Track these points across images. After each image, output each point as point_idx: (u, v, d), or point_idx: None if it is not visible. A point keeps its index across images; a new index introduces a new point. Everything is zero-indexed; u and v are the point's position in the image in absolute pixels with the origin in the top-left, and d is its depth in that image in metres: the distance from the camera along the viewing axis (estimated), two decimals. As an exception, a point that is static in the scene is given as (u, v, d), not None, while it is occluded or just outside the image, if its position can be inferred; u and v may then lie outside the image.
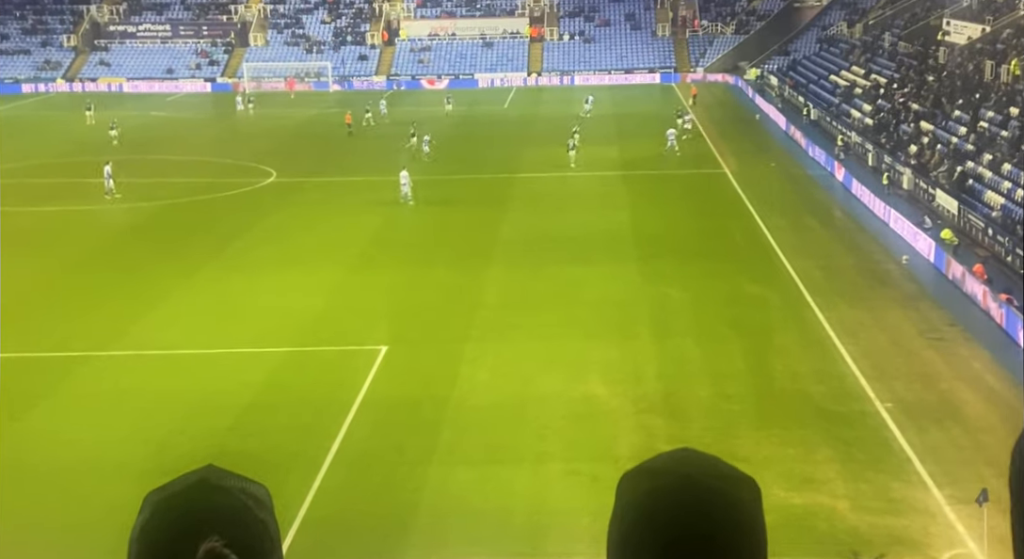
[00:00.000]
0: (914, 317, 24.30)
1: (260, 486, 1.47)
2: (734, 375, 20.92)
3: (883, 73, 51.31)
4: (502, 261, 29.16)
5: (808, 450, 17.72)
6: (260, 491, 1.46)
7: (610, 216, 33.92)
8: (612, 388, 20.31)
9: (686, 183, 39.23)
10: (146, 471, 16.71)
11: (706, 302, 25.31)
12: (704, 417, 19.04)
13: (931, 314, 24.51)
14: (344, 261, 29.40)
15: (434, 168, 41.11)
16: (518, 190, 38.29)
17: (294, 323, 24.36)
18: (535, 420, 18.99)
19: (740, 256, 29.39)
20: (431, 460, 17.59)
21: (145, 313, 25.16)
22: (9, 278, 28.24)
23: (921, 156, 37.57)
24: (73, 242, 32.06)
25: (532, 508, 16.13)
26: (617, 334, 23.19)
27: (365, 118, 52.70)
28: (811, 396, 19.92)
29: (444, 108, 55.99)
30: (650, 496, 1.39)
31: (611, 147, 46.28)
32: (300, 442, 18.30)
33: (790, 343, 22.71)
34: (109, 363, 22.31)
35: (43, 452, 18.11)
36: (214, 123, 57.93)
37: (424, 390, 20.50)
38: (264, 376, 21.38)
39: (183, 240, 31.85)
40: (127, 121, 56.86)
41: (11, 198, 38.08)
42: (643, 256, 29.25)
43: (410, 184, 35.63)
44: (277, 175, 41.54)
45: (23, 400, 20.30)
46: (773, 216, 33.23)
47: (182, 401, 20.03)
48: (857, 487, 16.50)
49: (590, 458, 17.35)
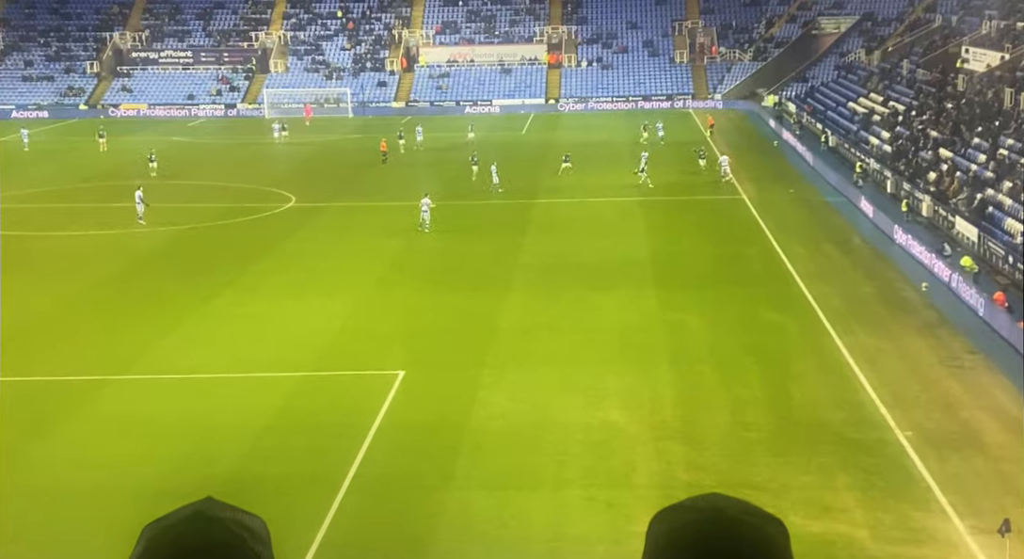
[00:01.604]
0: (934, 344, 24.14)
1: (256, 518, 1.49)
2: (752, 402, 20.81)
3: (901, 100, 51.28)
4: (520, 286, 29.20)
5: (827, 478, 17.57)
6: (255, 523, 1.48)
7: (628, 242, 33.94)
8: (630, 414, 20.23)
9: (704, 209, 39.23)
10: (163, 494, 16.75)
11: (724, 328, 25.23)
12: (722, 444, 18.93)
13: (951, 341, 24.34)
14: (362, 285, 29.50)
15: (452, 193, 41.23)
16: (536, 216, 38.39)
17: (312, 347, 24.43)
18: (553, 446, 18.92)
19: (758, 282, 29.31)
20: (448, 485, 17.55)
21: (163, 337, 25.30)
22: (30, 302, 28.48)
23: (940, 183, 37.45)
24: (94, 266, 32.32)
25: (550, 534, 16.05)
26: (635, 360, 23.14)
27: (400, 144, 52.92)
28: (830, 424, 19.78)
29: (466, 135, 56.05)
30: (684, 529, 1.42)
31: (627, 173, 46.33)
32: (318, 465, 18.30)
33: (809, 370, 22.59)
34: (127, 387, 22.41)
35: (61, 475, 18.17)
36: (235, 148, 58.43)
37: (441, 415, 20.49)
38: (282, 400, 21.42)
39: (202, 264, 32.06)
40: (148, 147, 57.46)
41: (35, 223, 38.49)
42: (661, 282, 29.21)
43: (430, 211, 35.58)
44: (296, 200, 41.82)
45: (42, 423, 20.40)
46: (791, 242, 33.16)
47: (200, 425, 20.08)
48: (877, 516, 16.34)
49: (608, 485, 17.27)
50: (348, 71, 77.79)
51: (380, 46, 79.98)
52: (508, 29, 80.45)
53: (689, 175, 44.27)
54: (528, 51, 78.44)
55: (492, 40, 79.56)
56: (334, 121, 68.53)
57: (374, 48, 79.81)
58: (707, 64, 76.87)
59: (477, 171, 43.76)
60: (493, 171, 42.45)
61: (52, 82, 78.23)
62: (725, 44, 78.32)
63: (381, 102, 74.98)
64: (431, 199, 36.11)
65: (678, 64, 77.28)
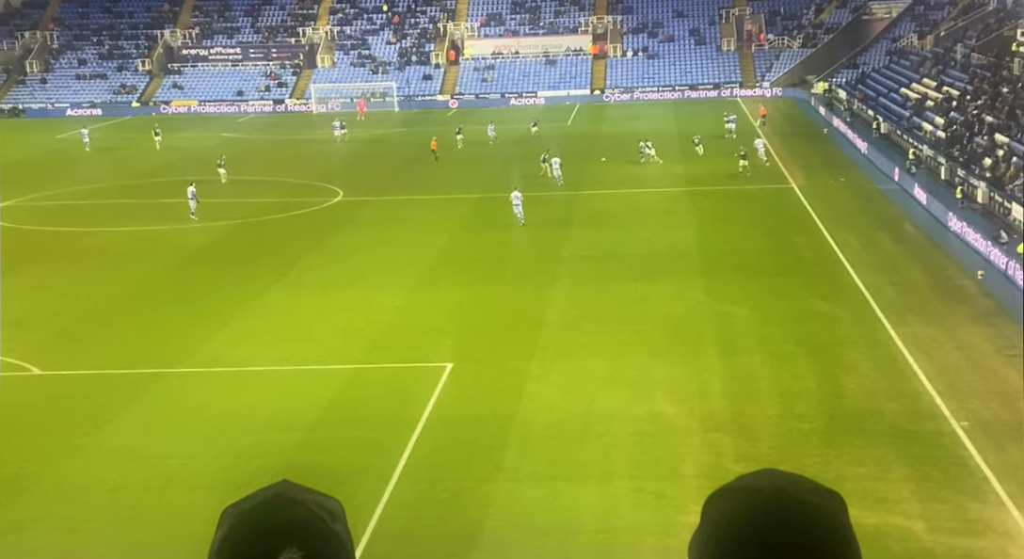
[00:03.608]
0: (990, 333, 23.67)
1: (333, 500, 1.50)
2: (803, 393, 20.59)
3: (955, 85, 50.25)
4: (566, 278, 29.16)
5: (881, 469, 17.34)
6: (334, 504, 1.49)
7: (675, 232, 33.72)
8: (678, 406, 20.13)
9: (753, 199, 38.82)
10: (220, 485, 17.04)
11: (774, 319, 24.97)
12: (773, 435, 18.76)
13: (1008, 330, 23.85)
14: (410, 279, 29.67)
15: (498, 186, 41.25)
16: (581, 207, 38.28)
17: (361, 340, 24.64)
18: (601, 438, 18.90)
19: (808, 272, 28.96)
20: (497, 477, 17.61)
21: (217, 331, 25.68)
22: (86, 297, 29.09)
23: (996, 169, 36.66)
24: (149, 261, 32.89)
25: (598, 526, 16.04)
26: (683, 351, 23.00)
27: (458, 139, 52.92)
28: (884, 414, 19.50)
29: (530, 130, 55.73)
30: (746, 512, 1.39)
31: (675, 163, 46.04)
32: (368, 457, 18.48)
33: (861, 360, 22.28)
34: (182, 380, 22.80)
35: (118, 467, 18.53)
36: (283, 144, 59.04)
37: (489, 407, 20.55)
38: (332, 392, 21.65)
39: (253, 259, 32.47)
40: (199, 143, 58.35)
41: (92, 219, 39.27)
42: (709, 273, 28.99)
43: (522, 204, 35.19)
44: (344, 194, 42.16)
45: (99, 416, 20.83)
46: (842, 231, 32.71)
47: (253, 417, 20.37)
48: (932, 507, 16.09)
49: (656, 476, 17.21)
50: (394, 65, 78.17)
51: (425, 39, 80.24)
52: (553, 20, 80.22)
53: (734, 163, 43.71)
54: (573, 42, 78.16)
55: (537, 31, 79.39)
56: (381, 115, 68.93)
57: (419, 42, 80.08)
58: (755, 52, 76.00)
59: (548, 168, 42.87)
60: (556, 165, 42.11)
61: (105, 80, 79.66)
62: (773, 31, 77.36)
63: (427, 96, 75.25)
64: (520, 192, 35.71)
65: (725, 52, 76.50)
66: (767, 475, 1.44)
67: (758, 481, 1.43)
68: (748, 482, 1.44)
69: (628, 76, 75.60)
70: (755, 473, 1.46)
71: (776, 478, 1.43)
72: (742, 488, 1.43)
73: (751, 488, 1.42)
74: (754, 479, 1.44)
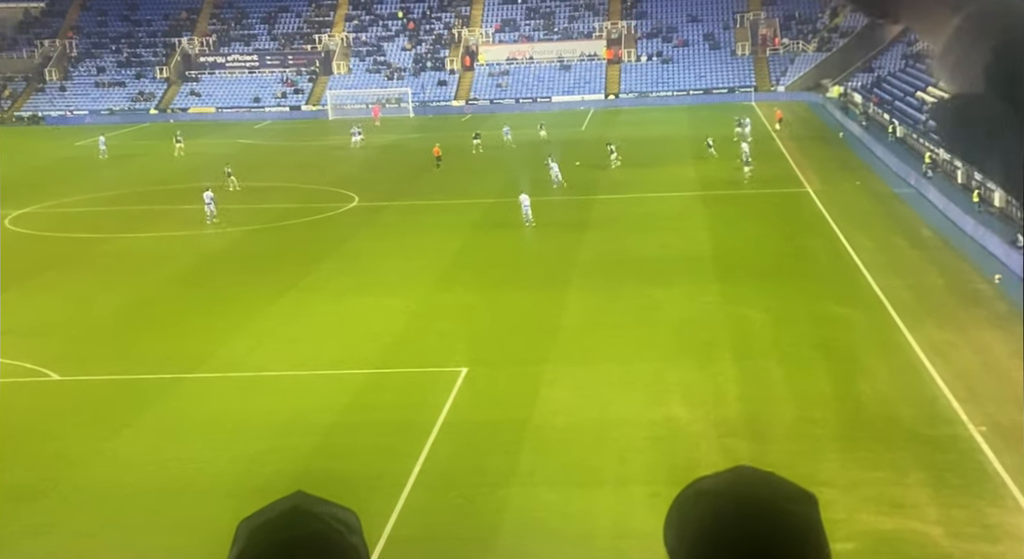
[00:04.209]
0: (1007, 338, 23.50)
1: (350, 512, 1.49)
2: (819, 397, 20.51)
3: (972, 88, 49.92)
4: (580, 283, 29.15)
5: (898, 474, 17.24)
6: (350, 517, 1.48)
7: (689, 236, 33.67)
8: (693, 410, 20.09)
9: (767, 203, 38.72)
10: (236, 490, 17.12)
11: (789, 323, 24.89)
12: (788, 440, 18.69)
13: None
14: (424, 283, 29.73)
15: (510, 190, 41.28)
16: (595, 211, 38.28)
17: (376, 345, 24.70)
18: (616, 442, 18.88)
19: (824, 276, 28.85)
20: (512, 482, 17.62)
21: (233, 336, 25.80)
22: (104, 303, 29.29)
23: (1013, 172, 36.41)
24: (165, 267, 33.08)
25: (614, 531, 16.02)
26: (698, 356, 22.95)
27: (474, 144, 53.07)
28: (900, 419, 19.40)
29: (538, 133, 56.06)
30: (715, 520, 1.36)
31: (687, 167, 45.98)
32: (384, 462, 18.51)
33: (877, 365, 22.18)
34: (199, 385, 22.91)
35: (135, 472, 18.63)
36: (300, 150, 59.30)
37: (504, 412, 20.56)
38: (348, 397, 21.71)
39: (269, 264, 32.62)
40: (217, 149, 58.67)
41: (109, 225, 39.55)
42: (723, 276, 28.92)
43: (530, 206, 36.04)
44: (359, 200, 42.30)
45: (116, 421, 20.95)
46: (858, 235, 32.58)
47: (269, 422, 20.45)
48: (951, 512, 15.99)
49: (672, 481, 17.15)
50: (409, 71, 78.43)
51: (440, 45, 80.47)
52: (567, 25, 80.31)
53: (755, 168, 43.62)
54: (587, 47, 78.23)
55: (551, 37, 79.51)
56: (396, 121, 69.13)
57: (434, 48, 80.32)
58: (770, 56, 75.86)
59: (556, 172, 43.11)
60: (555, 168, 42.39)
61: (123, 88, 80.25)
62: (788, 35, 77.19)
63: (442, 101, 75.45)
64: (528, 195, 36.57)
65: (740, 56, 76.39)
66: (741, 477, 1.41)
67: (733, 486, 1.39)
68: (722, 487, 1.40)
69: (642, 81, 75.58)
70: (729, 473, 1.42)
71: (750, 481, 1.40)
72: (713, 491, 1.39)
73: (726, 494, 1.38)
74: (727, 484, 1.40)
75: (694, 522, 1.38)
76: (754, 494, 1.38)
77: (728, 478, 1.41)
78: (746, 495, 1.38)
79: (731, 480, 1.41)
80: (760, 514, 1.36)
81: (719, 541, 1.35)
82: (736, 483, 1.40)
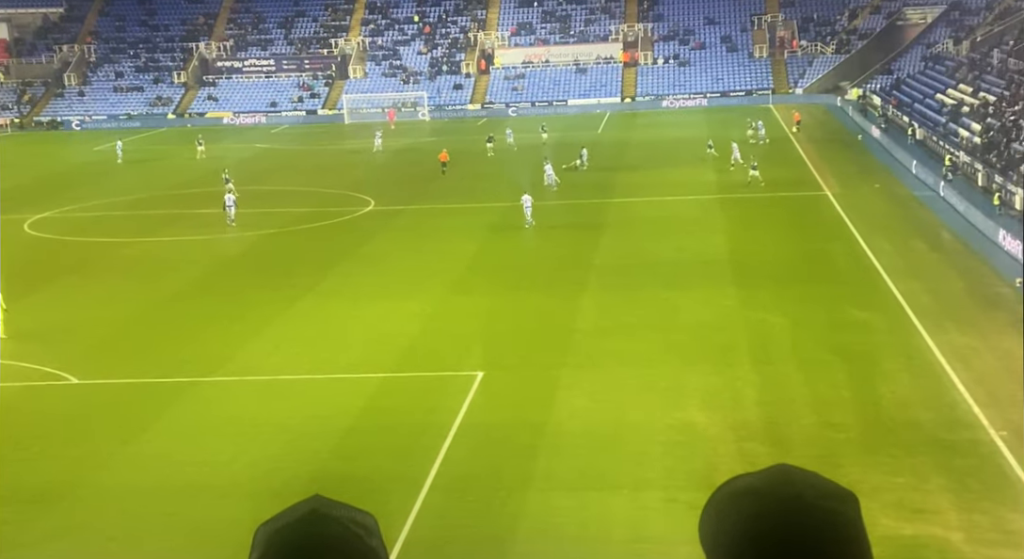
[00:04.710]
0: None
1: (367, 515, 1.48)
2: (839, 402, 20.35)
3: (992, 90, 49.62)
4: (597, 286, 29.08)
5: (919, 480, 17.09)
6: (368, 519, 1.47)
7: (706, 239, 33.54)
8: (711, 415, 19.97)
9: (786, 206, 38.54)
10: (254, 493, 17.14)
11: (808, 327, 24.73)
12: (807, 445, 18.55)
13: (1048, 339, 23.43)
14: (440, 287, 29.73)
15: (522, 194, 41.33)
16: (612, 215, 38.20)
17: (392, 348, 24.71)
18: (632, 447, 18.79)
19: (843, 280, 28.67)
20: (528, 486, 17.56)
21: (250, 340, 25.86)
22: (123, 306, 29.43)
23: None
24: (183, 271, 33.21)
25: (630, 536, 15.93)
26: (715, 360, 22.83)
27: (488, 148, 53.19)
28: (921, 424, 19.23)
29: (540, 136, 56.28)
30: (758, 520, 1.35)
31: (704, 170, 45.84)
32: (400, 465, 18.50)
33: (897, 369, 22.00)
34: (216, 388, 22.96)
35: (154, 474, 18.69)
36: (316, 154, 59.47)
37: (520, 415, 20.51)
38: (364, 401, 21.71)
39: (286, 268, 32.71)
40: (234, 153, 58.93)
41: (128, 229, 39.76)
42: (741, 280, 28.78)
43: (532, 208, 36.55)
44: (376, 204, 42.38)
45: (135, 424, 21.03)
46: (877, 239, 32.36)
47: (286, 425, 20.47)
48: (971, 518, 15.83)
49: (689, 486, 17.06)
50: (425, 75, 78.55)
51: (456, 49, 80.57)
52: (583, 28, 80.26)
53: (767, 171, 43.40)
54: (603, 50, 78.15)
55: (567, 40, 79.48)
56: (411, 125, 69.24)
57: (450, 51, 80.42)
58: (787, 58, 75.58)
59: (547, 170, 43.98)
60: (549, 170, 43.20)
61: (141, 92, 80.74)
62: (806, 37, 76.88)
63: (457, 105, 75.51)
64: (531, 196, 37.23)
65: (757, 59, 76.14)
66: (781, 476, 1.39)
67: (773, 485, 1.38)
68: (763, 485, 1.38)
69: (659, 84, 75.41)
70: (768, 472, 1.40)
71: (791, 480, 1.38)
72: (754, 489, 1.38)
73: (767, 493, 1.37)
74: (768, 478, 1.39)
75: (733, 521, 1.37)
76: (795, 494, 1.36)
77: (768, 476, 1.39)
78: (787, 495, 1.36)
79: (771, 479, 1.39)
80: (801, 514, 1.34)
81: (760, 540, 1.34)
82: (777, 482, 1.38)
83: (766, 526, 1.34)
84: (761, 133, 52.71)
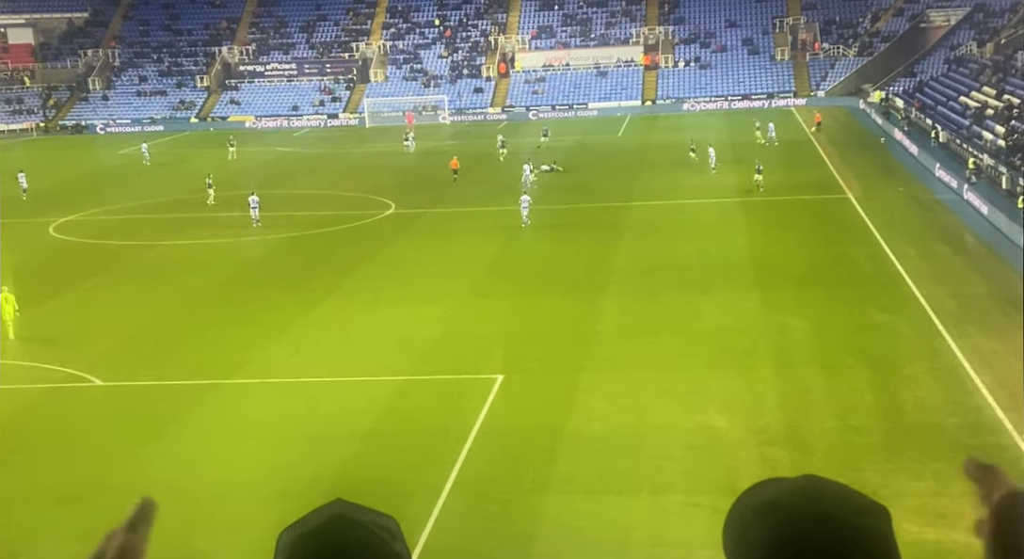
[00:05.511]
0: (1055, 346, 23.02)
1: (390, 518, 1.48)
2: (861, 406, 20.21)
3: (1016, 93, 49.19)
4: (618, 289, 29.02)
5: (942, 484, 16.93)
6: (391, 524, 1.47)
7: (727, 243, 33.41)
8: (732, 418, 19.88)
9: (807, 209, 38.34)
10: (274, 496, 17.21)
11: (830, 331, 24.58)
12: (829, 449, 18.44)
13: (1074, 343, 23.17)
14: (461, 290, 29.76)
15: (549, 197, 41.35)
16: (633, 218, 38.13)
17: (412, 351, 24.75)
18: (653, 450, 18.73)
19: (865, 283, 28.48)
20: (548, 489, 17.54)
21: (270, 342, 25.97)
22: (146, 309, 29.64)
23: (1060, 177, 35.78)
24: (204, 274, 33.42)
25: (651, 540, 15.89)
26: (736, 363, 22.73)
27: (500, 153, 53.24)
28: (944, 428, 19.07)
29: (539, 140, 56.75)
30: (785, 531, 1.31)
31: (727, 173, 45.67)
32: (420, 469, 18.52)
33: (921, 373, 21.83)
34: (236, 390, 23.08)
35: (174, 476, 18.79)
36: (337, 157, 59.70)
37: (540, 419, 20.49)
38: (384, 404, 21.76)
39: (307, 271, 32.84)
40: (256, 157, 59.26)
41: (149, 232, 40.05)
42: (762, 284, 28.65)
43: (529, 208, 37.32)
44: (396, 207, 42.49)
45: (155, 426, 21.16)
46: (900, 242, 32.13)
47: (306, 428, 20.54)
48: (996, 525, 15.64)
49: (710, 490, 16.99)
50: (445, 78, 78.72)
51: (477, 53, 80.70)
52: (604, 31, 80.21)
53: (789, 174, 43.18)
54: (624, 53, 78.04)
55: (588, 43, 79.43)
56: (431, 128, 69.37)
57: (471, 55, 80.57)
58: (809, 61, 75.22)
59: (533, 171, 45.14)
60: (525, 170, 44.37)
61: (165, 96, 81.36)
62: (828, 40, 76.50)
63: (478, 108, 75.62)
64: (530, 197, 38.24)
65: (779, 62, 75.82)
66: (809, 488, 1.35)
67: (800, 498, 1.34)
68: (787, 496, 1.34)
69: (680, 87, 75.24)
70: (795, 482, 1.37)
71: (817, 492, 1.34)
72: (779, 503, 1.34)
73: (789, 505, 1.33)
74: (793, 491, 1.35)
75: (758, 533, 1.33)
76: (823, 509, 1.32)
77: (795, 488, 1.36)
78: (815, 509, 1.32)
79: (798, 491, 1.35)
80: (830, 528, 1.30)
81: (786, 555, 1.30)
82: (804, 494, 1.35)
83: (793, 540, 1.30)
84: (771, 135, 52.56)
